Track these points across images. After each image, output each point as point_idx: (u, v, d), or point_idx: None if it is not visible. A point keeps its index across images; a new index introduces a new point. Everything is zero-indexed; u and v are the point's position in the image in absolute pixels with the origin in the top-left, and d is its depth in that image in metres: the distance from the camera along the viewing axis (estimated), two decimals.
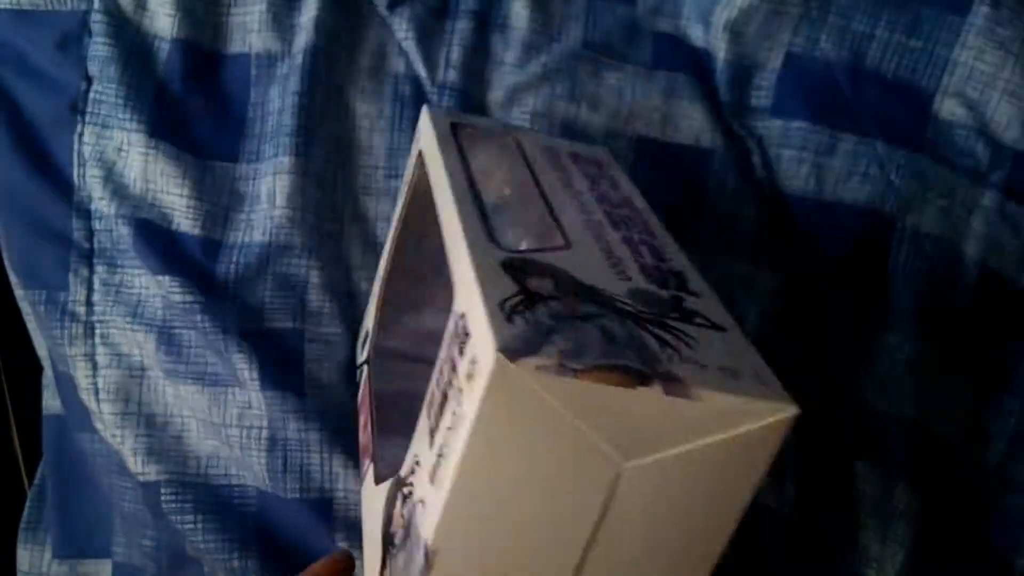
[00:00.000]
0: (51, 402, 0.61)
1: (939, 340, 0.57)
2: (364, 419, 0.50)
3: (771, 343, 0.57)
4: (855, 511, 0.56)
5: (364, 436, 0.50)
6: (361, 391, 0.52)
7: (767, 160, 0.61)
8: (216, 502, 0.52)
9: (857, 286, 0.57)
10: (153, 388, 0.54)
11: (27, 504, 0.63)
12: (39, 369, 0.62)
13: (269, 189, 0.56)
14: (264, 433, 0.53)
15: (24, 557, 0.62)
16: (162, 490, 0.52)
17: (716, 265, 0.58)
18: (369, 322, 0.53)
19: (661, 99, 0.61)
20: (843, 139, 0.59)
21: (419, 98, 0.60)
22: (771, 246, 0.58)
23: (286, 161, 0.56)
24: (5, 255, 0.58)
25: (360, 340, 0.55)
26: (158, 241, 0.54)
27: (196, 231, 0.55)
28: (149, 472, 0.52)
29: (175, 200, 0.55)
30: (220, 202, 0.56)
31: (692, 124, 0.61)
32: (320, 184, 0.56)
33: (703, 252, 0.58)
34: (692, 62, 0.63)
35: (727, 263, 0.58)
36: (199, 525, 0.51)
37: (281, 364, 0.53)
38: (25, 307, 0.58)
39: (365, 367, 0.52)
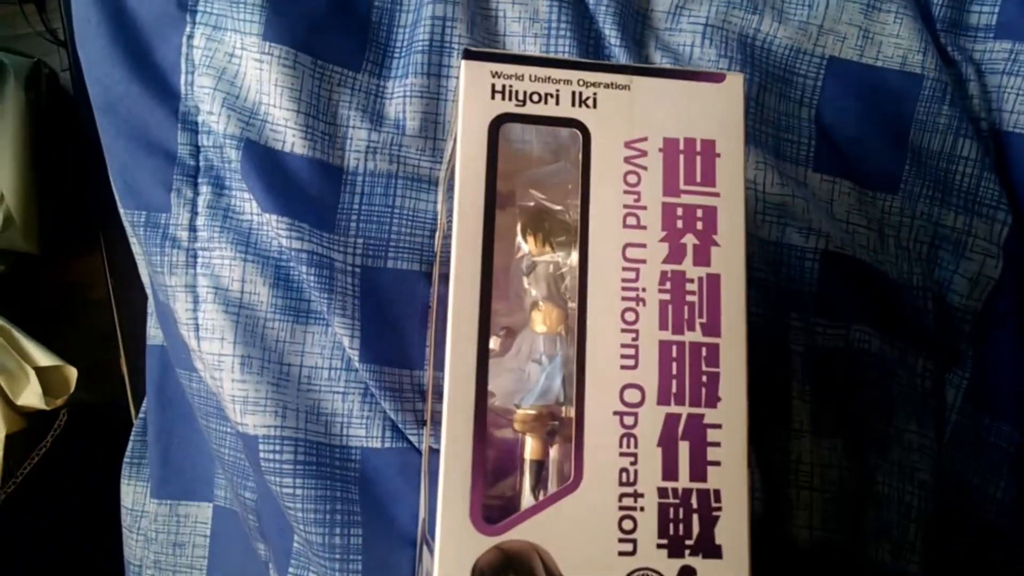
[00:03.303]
0: (154, 331, 0.56)
1: None
2: None
3: (983, 318, 0.48)
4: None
5: None
6: None
7: (987, 90, 0.51)
8: (317, 463, 0.46)
9: None
10: (260, 329, 0.48)
11: (131, 437, 0.60)
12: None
13: (398, 111, 0.50)
14: None
15: (128, 492, 0.58)
16: (260, 446, 0.46)
17: (918, 216, 0.48)
18: None
19: (861, 12, 0.51)
20: None
21: (579, 2, 0.51)
22: (990, 195, 0.48)
23: (418, 82, 0.49)
24: (108, 167, 0.53)
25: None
26: (269, 168, 0.48)
27: (313, 153, 0.48)
28: (247, 424, 0.46)
29: (289, 116, 0.48)
30: (340, 120, 0.50)
31: (898, 44, 0.51)
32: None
33: (905, 199, 0.49)
34: None
35: (934, 215, 0.48)
36: (298, 491, 0.46)
37: (386, 327, 0.47)
38: (127, 228, 0.53)
39: None
